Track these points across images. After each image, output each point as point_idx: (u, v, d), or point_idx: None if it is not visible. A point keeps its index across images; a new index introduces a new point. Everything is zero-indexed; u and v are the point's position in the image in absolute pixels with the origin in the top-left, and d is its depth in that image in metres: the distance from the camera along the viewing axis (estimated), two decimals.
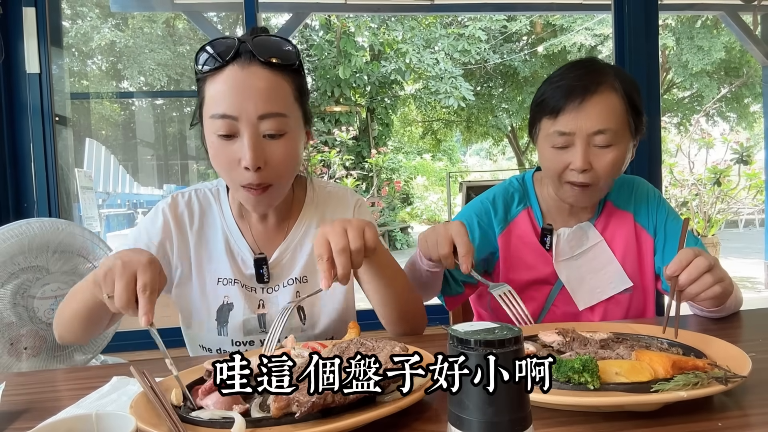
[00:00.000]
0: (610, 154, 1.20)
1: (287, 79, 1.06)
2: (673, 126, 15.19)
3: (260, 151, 1.03)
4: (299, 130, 1.10)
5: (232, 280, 1.18)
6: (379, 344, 0.83)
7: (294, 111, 1.08)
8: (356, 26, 12.18)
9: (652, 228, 1.36)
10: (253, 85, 1.01)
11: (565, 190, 1.26)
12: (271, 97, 1.03)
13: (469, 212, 1.39)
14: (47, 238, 1.60)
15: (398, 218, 13.51)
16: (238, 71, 1.02)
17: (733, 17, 4.63)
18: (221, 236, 1.20)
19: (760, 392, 0.77)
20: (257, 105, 1.01)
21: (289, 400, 0.66)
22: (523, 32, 14.20)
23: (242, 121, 1.02)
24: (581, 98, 1.18)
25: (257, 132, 1.03)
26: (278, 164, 1.06)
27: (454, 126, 17.28)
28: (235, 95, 1.01)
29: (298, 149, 1.10)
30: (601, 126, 1.17)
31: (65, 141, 2.91)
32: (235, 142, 1.03)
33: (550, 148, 1.23)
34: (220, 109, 1.02)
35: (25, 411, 0.84)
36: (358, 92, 13.11)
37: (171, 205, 1.20)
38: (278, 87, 1.04)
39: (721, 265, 1.30)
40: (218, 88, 1.03)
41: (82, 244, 1.68)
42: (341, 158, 9.32)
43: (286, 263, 1.21)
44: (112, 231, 4.97)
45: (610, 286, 1.32)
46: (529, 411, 0.44)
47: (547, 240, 1.33)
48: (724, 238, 8.79)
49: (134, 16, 11.06)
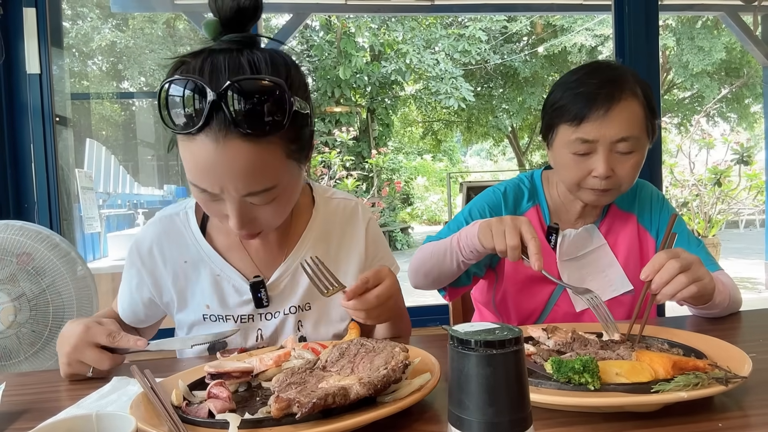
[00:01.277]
0: (631, 159, 1.20)
1: (276, 142, 0.87)
2: (674, 126, 15.20)
3: (246, 217, 0.92)
4: (293, 180, 0.96)
5: (222, 317, 1.07)
6: (379, 345, 0.83)
7: (285, 172, 0.91)
8: (356, 27, 12.18)
9: (655, 230, 1.37)
10: (234, 164, 0.84)
11: (583, 194, 1.26)
12: (257, 176, 0.86)
13: (480, 202, 1.39)
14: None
15: (398, 219, 13.52)
16: (212, 146, 0.82)
17: (733, 18, 4.63)
18: (203, 268, 1.08)
19: (761, 393, 0.77)
20: (238, 187, 0.86)
21: (290, 401, 0.66)
22: (524, 33, 14.21)
23: (225, 195, 0.88)
24: (607, 107, 1.17)
25: (242, 202, 0.90)
26: (268, 222, 0.97)
27: (455, 126, 17.29)
28: (213, 174, 0.85)
29: (292, 199, 0.99)
30: (625, 134, 1.17)
31: (66, 141, 2.92)
32: (220, 203, 0.91)
33: (571, 154, 1.22)
34: (198, 183, 0.88)
35: (25, 411, 0.84)
36: (358, 93, 13.12)
37: (134, 249, 1.10)
38: (264, 160, 0.86)
39: (721, 266, 1.32)
40: (191, 159, 0.85)
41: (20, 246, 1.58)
42: (341, 159, 9.33)
43: (287, 286, 1.10)
44: (112, 231, 4.97)
45: (610, 289, 1.32)
46: (529, 411, 0.44)
47: (552, 239, 1.33)
48: (725, 239, 8.80)
49: (135, 16, 11.07)
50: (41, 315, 1.63)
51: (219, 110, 0.81)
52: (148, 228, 1.11)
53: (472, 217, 1.36)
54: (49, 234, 1.66)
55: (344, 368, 0.79)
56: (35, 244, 1.62)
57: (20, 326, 1.61)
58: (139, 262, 1.09)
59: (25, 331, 1.61)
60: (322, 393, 0.66)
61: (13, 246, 1.60)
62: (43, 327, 1.61)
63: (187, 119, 0.82)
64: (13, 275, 1.60)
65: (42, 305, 1.62)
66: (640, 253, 1.35)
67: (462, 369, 0.43)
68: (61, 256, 1.65)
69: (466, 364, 0.43)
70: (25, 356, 1.63)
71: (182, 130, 0.83)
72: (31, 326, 1.62)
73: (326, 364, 0.82)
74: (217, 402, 0.73)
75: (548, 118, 1.28)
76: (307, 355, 0.88)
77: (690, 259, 1.00)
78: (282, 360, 0.86)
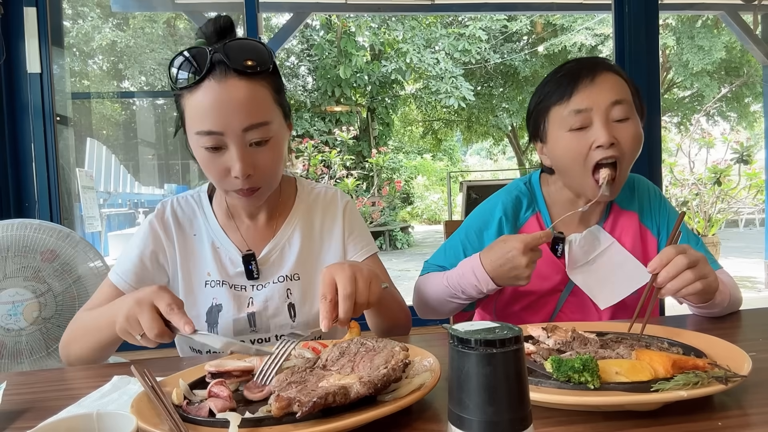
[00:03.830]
0: (630, 127, 1.19)
1: (265, 84, 1.05)
2: (674, 125, 15.20)
3: (248, 160, 1.05)
4: (282, 129, 1.12)
5: (219, 282, 1.20)
6: (379, 344, 0.83)
7: (275, 114, 1.08)
8: (357, 26, 12.18)
9: (656, 228, 1.36)
10: (234, 98, 1.01)
11: (592, 184, 1.20)
12: (253, 108, 1.03)
13: (476, 224, 1.37)
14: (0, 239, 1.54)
15: (399, 218, 13.52)
16: (216, 86, 1.01)
17: (733, 17, 4.63)
18: (207, 240, 1.23)
19: (760, 392, 0.77)
20: (241, 119, 1.02)
21: (290, 400, 0.66)
22: (524, 32, 14.21)
23: (228, 135, 1.03)
24: (592, 75, 1.18)
25: (244, 143, 1.04)
26: (266, 169, 1.09)
27: (455, 126, 17.29)
28: (217, 111, 1.01)
29: (283, 150, 1.13)
30: (617, 96, 1.17)
31: (66, 141, 2.92)
32: (223, 154, 1.05)
33: (567, 132, 1.20)
34: (204, 126, 1.02)
35: (26, 411, 0.84)
36: (358, 92, 13.12)
37: (157, 215, 1.24)
38: (258, 95, 1.04)
39: (721, 264, 1.31)
40: (198, 104, 1.02)
41: (44, 244, 1.61)
42: (342, 158, 9.32)
43: (275, 260, 1.23)
44: (113, 231, 4.98)
45: (632, 283, 1.28)
46: (529, 410, 0.44)
47: (559, 248, 1.31)
48: (725, 238, 8.80)
49: (135, 16, 11.07)
50: (67, 310, 1.65)
51: (219, 61, 1.01)
52: (167, 202, 1.26)
53: (469, 241, 1.35)
54: (69, 232, 1.70)
55: (344, 367, 0.80)
56: (58, 241, 1.65)
57: (45, 322, 1.63)
58: (161, 230, 1.22)
59: (50, 326, 1.64)
60: (322, 392, 0.67)
61: (36, 243, 1.63)
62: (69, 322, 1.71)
63: (193, 73, 1.01)
64: (37, 272, 1.63)
65: (68, 300, 1.65)
66: (643, 252, 1.34)
67: (462, 368, 0.44)
68: (83, 252, 1.68)
69: (466, 363, 0.43)
70: (47, 352, 1.65)
71: (189, 83, 1.01)
72: (57, 321, 1.65)
73: (326, 363, 0.82)
74: (217, 401, 0.73)
75: (535, 114, 1.28)
76: (308, 354, 0.89)
77: (697, 256, 1.01)
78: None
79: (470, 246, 1.34)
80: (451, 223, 1.70)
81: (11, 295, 1.58)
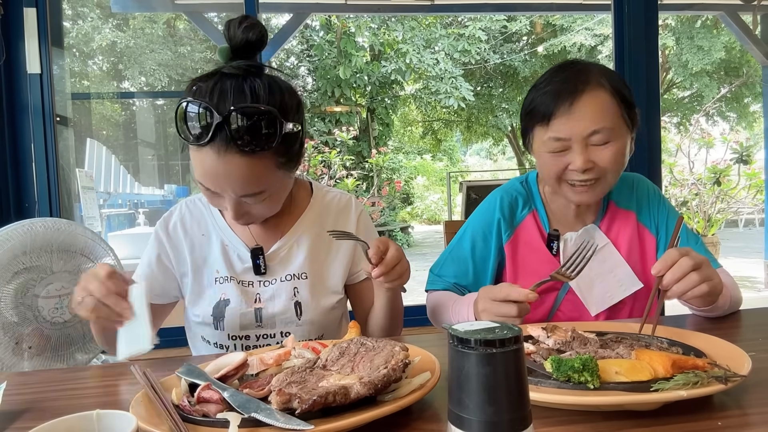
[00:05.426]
0: (609, 149, 1.19)
1: (268, 155, 1.05)
2: (673, 125, 15.20)
3: (241, 211, 1.11)
4: (284, 184, 1.15)
5: (227, 278, 1.23)
6: (379, 344, 0.83)
7: (276, 179, 1.10)
8: (356, 26, 12.18)
9: (654, 227, 1.36)
10: (232, 173, 1.03)
11: (565, 190, 1.25)
12: (249, 182, 1.05)
13: (478, 225, 1.38)
14: (50, 237, 1.61)
15: (398, 218, 13.53)
16: (215, 157, 1.01)
17: (732, 17, 4.63)
18: (216, 239, 1.26)
19: (760, 391, 0.77)
20: (236, 189, 1.05)
21: (291, 395, 0.67)
22: (523, 32, 14.20)
23: (224, 194, 1.07)
24: (570, 100, 1.17)
25: (239, 201, 1.08)
26: (261, 216, 1.17)
27: (455, 126, 17.29)
28: (215, 178, 1.04)
29: (281, 198, 1.17)
30: (595, 126, 1.17)
31: (66, 141, 2.92)
32: (220, 198, 1.09)
33: (547, 153, 1.22)
34: (203, 182, 1.07)
35: (26, 411, 0.84)
36: (358, 92, 13.12)
37: (163, 222, 1.29)
38: (257, 170, 1.04)
39: (722, 264, 1.31)
40: (199, 162, 1.04)
41: (84, 244, 1.69)
42: (342, 158, 9.31)
43: (284, 257, 1.25)
44: (113, 231, 4.96)
45: (621, 289, 1.30)
46: (529, 410, 0.44)
47: (554, 245, 1.32)
48: (724, 238, 8.80)
49: (135, 16, 11.07)
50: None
51: (222, 130, 0.99)
52: (176, 208, 1.31)
53: (478, 250, 1.36)
54: (94, 232, 1.76)
55: (344, 367, 0.80)
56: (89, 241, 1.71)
57: None
58: (164, 236, 1.26)
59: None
60: (322, 391, 0.67)
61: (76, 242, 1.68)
62: None
63: (197, 134, 1.01)
64: (78, 267, 1.68)
65: None
66: (641, 251, 1.34)
67: (462, 368, 0.44)
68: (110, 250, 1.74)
69: (465, 363, 0.43)
70: (81, 344, 1.71)
71: (193, 142, 1.02)
72: None
73: (326, 363, 0.82)
74: (210, 405, 0.73)
75: (524, 123, 1.30)
76: (308, 354, 0.89)
77: (700, 258, 1.01)
78: (282, 359, 0.86)
79: (480, 256, 1.36)
80: (450, 223, 1.70)
81: (57, 289, 1.64)
